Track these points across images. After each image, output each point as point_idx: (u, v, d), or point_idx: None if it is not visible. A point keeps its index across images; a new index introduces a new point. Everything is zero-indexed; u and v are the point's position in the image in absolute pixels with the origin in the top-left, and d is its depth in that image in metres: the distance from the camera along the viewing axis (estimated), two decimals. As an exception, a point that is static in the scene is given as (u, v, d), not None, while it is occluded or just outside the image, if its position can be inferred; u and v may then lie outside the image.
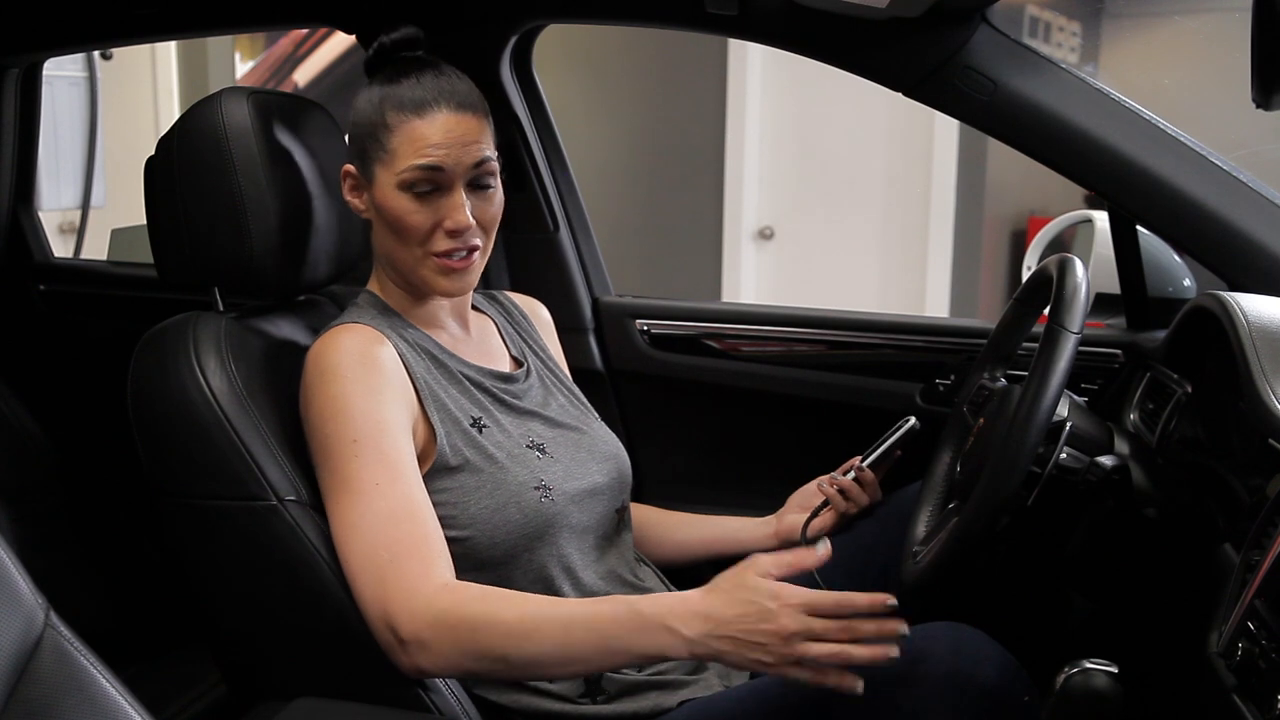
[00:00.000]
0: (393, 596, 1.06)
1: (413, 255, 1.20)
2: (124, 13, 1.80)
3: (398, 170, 1.17)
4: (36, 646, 0.76)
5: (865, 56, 1.42)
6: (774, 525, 1.44)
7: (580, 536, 1.24)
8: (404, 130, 1.17)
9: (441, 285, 1.21)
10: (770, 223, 4.04)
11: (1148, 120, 1.35)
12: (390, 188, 1.18)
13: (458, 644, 1.04)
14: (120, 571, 1.87)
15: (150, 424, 1.17)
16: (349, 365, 1.14)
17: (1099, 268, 1.59)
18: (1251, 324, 1.06)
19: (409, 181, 1.17)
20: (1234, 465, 1.11)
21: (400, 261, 1.22)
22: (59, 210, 3.16)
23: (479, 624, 1.04)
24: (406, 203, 1.17)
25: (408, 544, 1.08)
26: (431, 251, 1.19)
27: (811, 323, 1.75)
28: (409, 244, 1.20)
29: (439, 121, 1.16)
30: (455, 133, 1.17)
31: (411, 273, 1.22)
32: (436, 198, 1.18)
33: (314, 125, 1.33)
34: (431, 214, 1.18)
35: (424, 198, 1.17)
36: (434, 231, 1.18)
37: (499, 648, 1.04)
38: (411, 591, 1.06)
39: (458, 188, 1.18)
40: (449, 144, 1.16)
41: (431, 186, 1.17)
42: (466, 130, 1.17)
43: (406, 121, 1.17)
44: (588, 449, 1.29)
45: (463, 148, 1.17)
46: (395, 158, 1.17)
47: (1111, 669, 1.02)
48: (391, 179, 1.18)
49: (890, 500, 1.42)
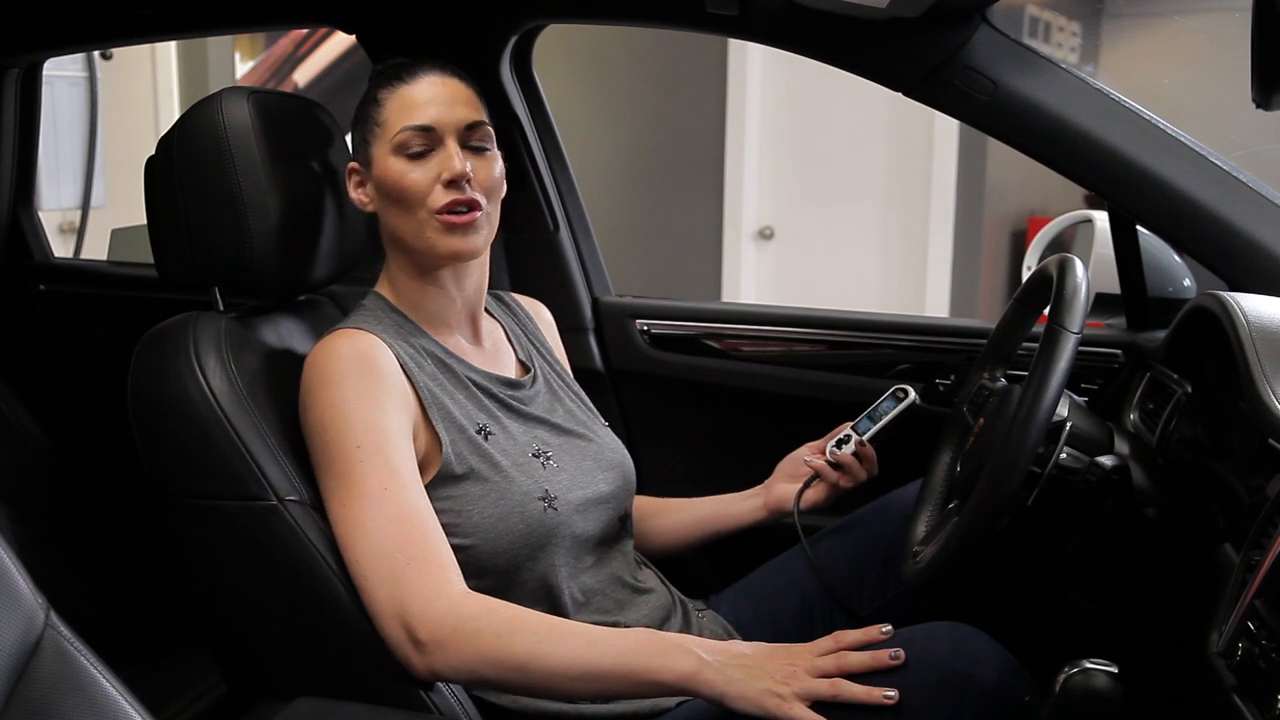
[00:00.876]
0: (411, 598, 1.06)
1: (416, 219, 1.20)
2: (124, 13, 1.80)
3: (390, 136, 1.20)
4: (36, 646, 0.76)
5: (865, 56, 1.42)
6: (763, 497, 1.43)
7: (583, 544, 1.24)
8: (393, 99, 1.21)
9: (446, 244, 1.20)
10: (770, 223, 4.04)
11: (1148, 120, 1.35)
12: (386, 157, 1.20)
13: (479, 649, 1.04)
14: (120, 571, 1.87)
15: (150, 424, 1.17)
16: (347, 371, 1.14)
17: (1099, 268, 1.59)
18: (1251, 324, 1.06)
19: (402, 143, 1.19)
20: (1234, 465, 1.11)
21: (405, 232, 1.21)
22: (59, 210, 3.16)
23: (504, 631, 1.05)
24: (402, 164, 1.19)
25: (422, 547, 1.08)
26: (434, 210, 1.19)
27: (811, 323, 1.75)
28: (411, 208, 1.20)
29: (424, 83, 1.21)
30: (444, 94, 1.20)
31: (418, 238, 1.21)
32: (431, 157, 1.20)
33: (314, 125, 1.33)
34: (425, 173, 1.19)
35: (418, 158, 1.19)
36: (431, 190, 1.19)
37: (521, 656, 1.04)
38: (433, 594, 1.06)
39: (450, 141, 1.19)
40: (437, 102, 1.19)
41: (425, 146, 1.19)
42: (454, 92, 1.21)
43: (394, 91, 1.21)
44: (594, 457, 1.29)
45: (450, 106, 1.20)
46: (387, 127, 1.20)
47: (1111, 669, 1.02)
48: (386, 148, 1.20)
49: (890, 499, 1.42)
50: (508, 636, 1.04)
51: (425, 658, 1.06)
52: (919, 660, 1.02)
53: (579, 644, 1.04)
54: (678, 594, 1.35)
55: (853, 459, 1.38)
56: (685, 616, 1.31)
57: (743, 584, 1.44)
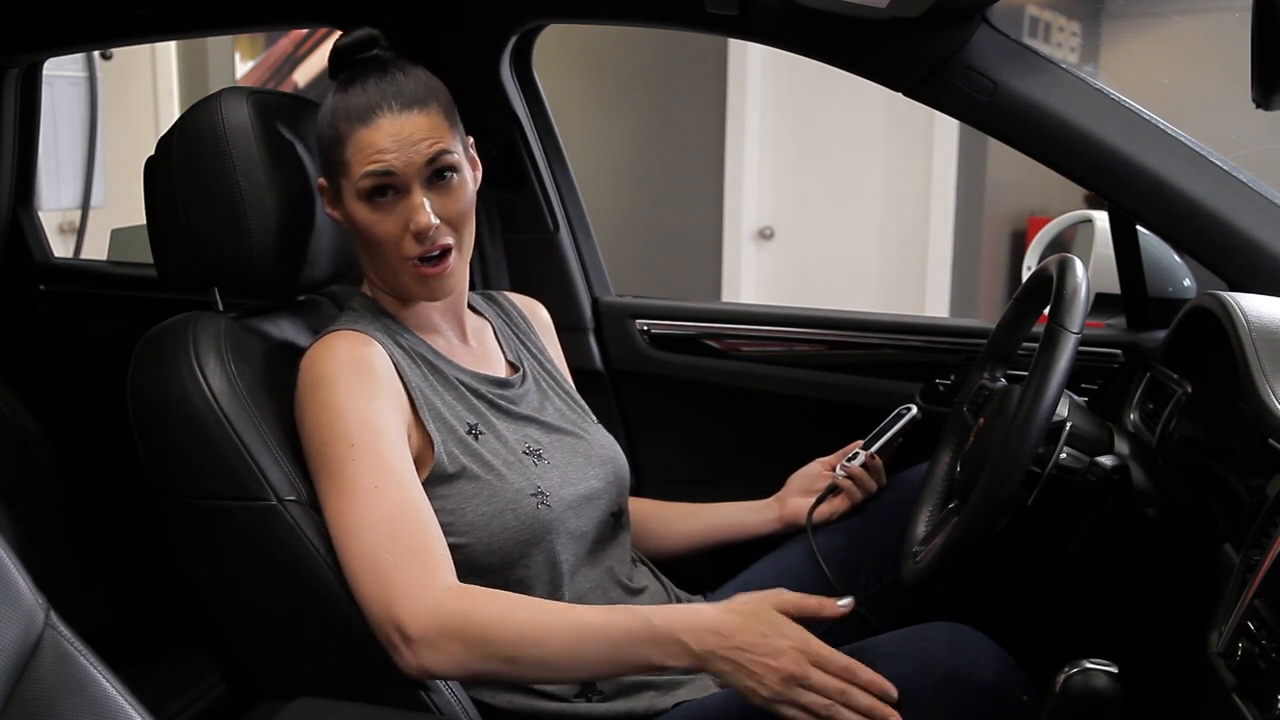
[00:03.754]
0: (398, 597, 1.06)
1: (390, 265, 1.20)
2: (124, 13, 1.80)
3: (355, 180, 1.17)
4: (36, 646, 0.76)
5: (865, 56, 1.42)
6: (777, 509, 1.44)
7: (577, 541, 1.24)
8: (353, 141, 1.16)
9: (420, 292, 1.21)
10: (770, 223, 4.04)
11: (1148, 120, 1.35)
12: (353, 200, 1.18)
13: (467, 645, 1.04)
14: (120, 571, 1.87)
15: (150, 424, 1.17)
16: (342, 371, 1.14)
17: (1099, 268, 1.59)
18: (1251, 324, 1.06)
19: (365, 190, 1.16)
20: (1234, 465, 1.11)
21: (380, 271, 1.23)
22: (59, 210, 3.16)
23: (490, 626, 1.04)
24: (370, 213, 1.17)
25: (410, 545, 1.08)
26: (405, 257, 1.18)
27: (811, 323, 1.75)
28: (384, 254, 1.19)
29: (383, 127, 1.15)
30: (401, 134, 1.15)
31: (394, 281, 1.22)
32: (397, 202, 1.17)
33: (314, 125, 1.32)
34: (394, 222, 1.17)
35: (385, 205, 1.17)
36: (401, 239, 1.18)
37: (509, 650, 1.04)
38: (418, 592, 1.06)
39: (415, 188, 1.16)
40: (397, 147, 1.15)
41: (389, 191, 1.16)
42: (414, 129, 1.16)
43: (354, 131, 1.16)
44: (584, 454, 1.29)
45: (411, 148, 1.15)
46: (350, 168, 1.17)
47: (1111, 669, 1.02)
48: (352, 191, 1.18)
49: (892, 484, 1.43)
50: (495, 633, 1.04)
51: (415, 657, 1.05)
52: (917, 660, 1.02)
53: (568, 638, 1.04)
54: (674, 590, 1.35)
55: (862, 470, 1.40)
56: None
57: (740, 579, 1.44)
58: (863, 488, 1.41)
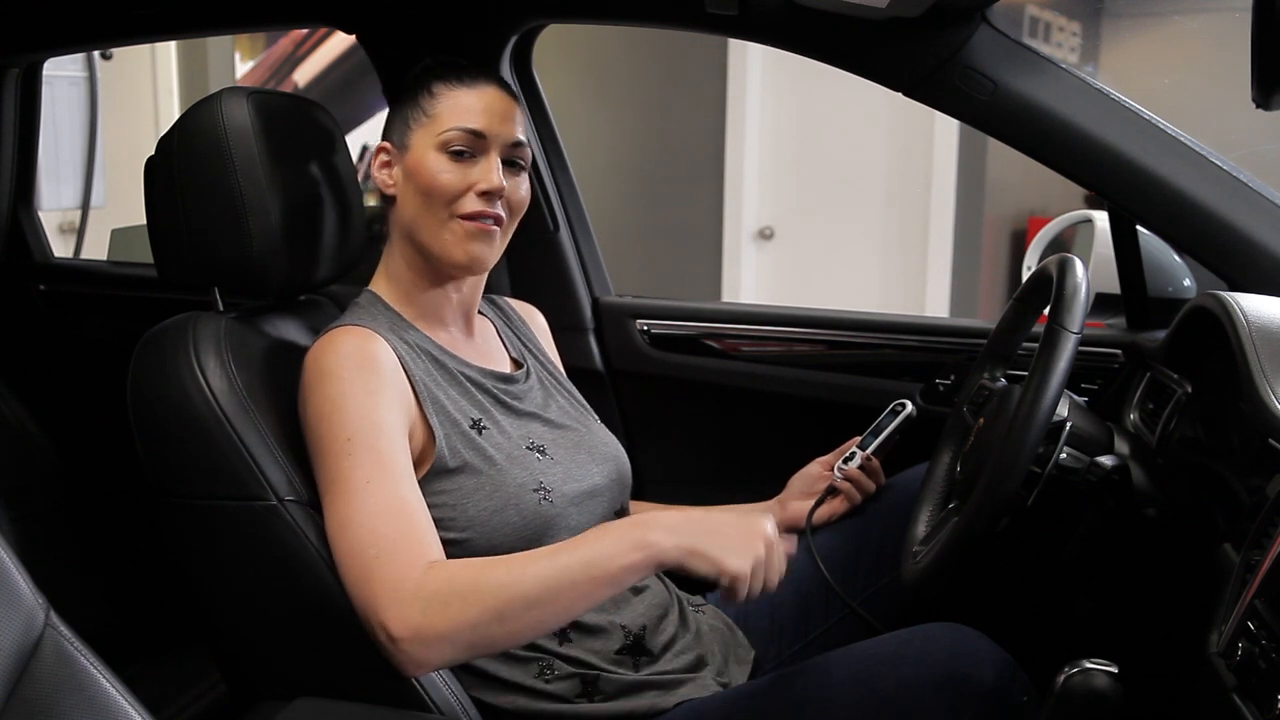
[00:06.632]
0: (379, 592, 1.05)
1: (437, 219, 1.22)
2: (124, 13, 1.80)
3: (439, 131, 1.22)
4: (36, 646, 0.76)
5: (865, 56, 1.42)
6: (778, 512, 1.44)
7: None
8: (450, 97, 1.23)
9: (458, 253, 1.22)
10: (770, 223, 4.04)
11: (1148, 120, 1.35)
12: (428, 148, 1.22)
13: (449, 618, 1.03)
14: (120, 571, 1.87)
15: (150, 424, 1.17)
16: (346, 366, 1.14)
17: (1099, 268, 1.59)
18: (1251, 324, 1.06)
19: (449, 141, 1.21)
20: (1234, 465, 1.11)
21: (423, 228, 1.23)
22: (59, 210, 3.16)
23: (468, 588, 1.04)
24: (443, 162, 1.22)
25: (395, 539, 1.07)
26: (457, 214, 1.21)
27: (811, 323, 1.75)
28: (435, 206, 1.22)
29: (486, 94, 1.24)
30: (498, 107, 1.23)
31: (434, 239, 1.23)
32: (470, 163, 1.22)
33: (314, 125, 1.33)
34: (462, 176, 1.21)
35: (459, 160, 1.22)
36: (463, 194, 1.21)
37: (492, 604, 1.03)
38: (398, 584, 1.05)
39: (493, 154, 1.23)
40: (492, 112, 1.23)
41: (469, 151, 1.22)
42: (509, 108, 1.25)
43: (453, 90, 1.24)
44: (587, 450, 1.29)
45: (503, 122, 1.23)
46: (438, 120, 1.23)
47: (1111, 669, 1.02)
48: (431, 140, 1.22)
49: (891, 485, 1.44)
50: (473, 592, 1.03)
51: (405, 649, 1.04)
52: (917, 661, 1.02)
53: (545, 569, 1.05)
54: (674, 590, 1.35)
55: (860, 473, 1.41)
56: (682, 613, 1.31)
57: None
58: (861, 489, 1.41)
